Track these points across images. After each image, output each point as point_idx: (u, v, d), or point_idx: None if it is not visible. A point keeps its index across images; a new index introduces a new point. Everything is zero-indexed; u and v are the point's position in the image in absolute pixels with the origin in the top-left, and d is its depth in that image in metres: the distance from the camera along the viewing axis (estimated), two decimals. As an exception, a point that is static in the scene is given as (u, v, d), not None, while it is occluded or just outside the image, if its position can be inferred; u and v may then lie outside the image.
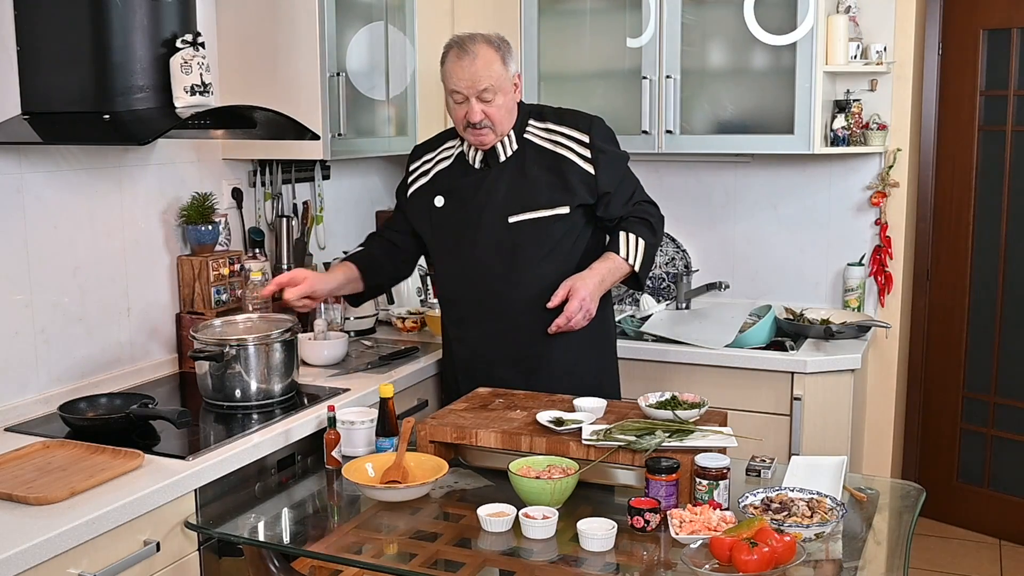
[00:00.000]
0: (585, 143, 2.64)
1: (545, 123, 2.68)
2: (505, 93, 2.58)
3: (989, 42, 3.83)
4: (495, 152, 2.66)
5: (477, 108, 2.55)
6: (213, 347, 2.53)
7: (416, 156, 2.83)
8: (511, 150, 2.66)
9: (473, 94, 2.54)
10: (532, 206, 2.62)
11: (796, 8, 3.30)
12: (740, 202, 3.86)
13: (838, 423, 3.20)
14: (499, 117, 2.59)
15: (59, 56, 2.36)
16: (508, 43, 2.63)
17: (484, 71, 2.53)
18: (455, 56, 2.56)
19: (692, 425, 2.14)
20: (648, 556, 1.84)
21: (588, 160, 2.63)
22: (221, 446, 2.25)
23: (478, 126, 2.58)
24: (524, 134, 2.67)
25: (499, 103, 2.57)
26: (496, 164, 2.67)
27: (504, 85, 2.58)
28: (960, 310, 4.02)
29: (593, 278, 2.58)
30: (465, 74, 2.54)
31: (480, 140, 2.62)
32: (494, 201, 2.65)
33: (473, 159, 2.70)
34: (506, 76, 2.58)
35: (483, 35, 2.60)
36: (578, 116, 2.70)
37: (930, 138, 3.94)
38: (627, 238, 2.65)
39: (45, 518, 1.85)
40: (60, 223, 2.59)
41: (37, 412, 2.50)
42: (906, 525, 1.96)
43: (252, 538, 2.03)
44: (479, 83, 2.53)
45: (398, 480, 2.09)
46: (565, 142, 2.65)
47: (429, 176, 2.77)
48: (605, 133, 2.69)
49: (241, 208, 3.20)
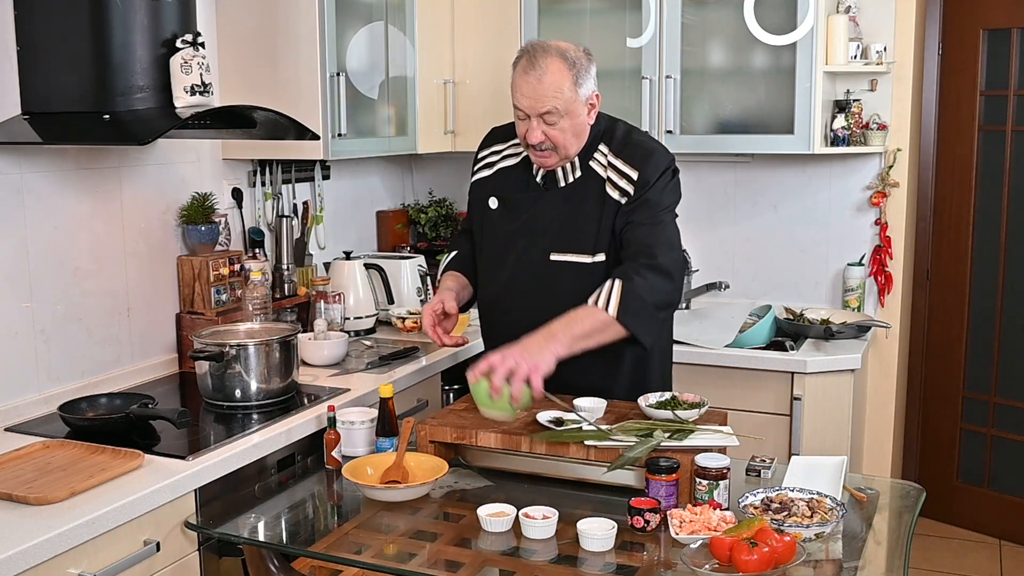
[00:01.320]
0: (632, 180, 2.34)
1: (610, 152, 2.38)
2: (574, 116, 2.31)
3: (989, 42, 3.83)
4: (555, 175, 2.41)
5: (538, 130, 2.30)
6: (213, 347, 2.53)
7: (487, 143, 2.59)
8: (573, 177, 2.40)
9: (535, 114, 2.29)
10: (576, 248, 2.37)
11: (796, 8, 3.30)
12: (740, 202, 3.86)
13: (838, 423, 3.20)
14: (563, 141, 2.32)
15: (59, 56, 2.36)
16: (589, 57, 2.35)
17: (550, 91, 2.27)
18: (522, 68, 2.30)
19: (692, 425, 2.14)
20: (648, 556, 1.84)
21: (628, 197, 2.34)
22: (221, 446, 2.25)
23: (538, 148, 2.34)
24: (590, 161, 2.39)
25: (563, 127, 2.30)
26: (555, 188, 2.42)
27: (573, 108, 2.30)
28: (960, 310, 4.02)
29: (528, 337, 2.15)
30: (529, 91, 2.28)
31: (542, 162, 2.38)
32: (541, 232, 2.41)
33: (536, 172, 2.45)
34: (576, 98, 2.30)
35: (559, 47, 2.31)
36: (641, 149, 2.38)
37: (930, 138, 3.94)
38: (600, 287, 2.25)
39: (45, 518, 1.85)
40: (60, 223, 2.59)
41: (37, 412, 2.50)
42: (906, 525, 1.96)
43: (252, 538, 2.03)
44: (541, 105, 2.27)
45: (398, 480, 2.09)
46: (615, 178, 2.36)
47: (493, 170, 2.54)
48: (659, 170, 2.35)
49: (241, 208, 3.20)
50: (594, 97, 2.37)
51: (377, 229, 3.94)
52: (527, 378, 2.05)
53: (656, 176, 2.35)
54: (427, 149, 3.60)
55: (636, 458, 2.01)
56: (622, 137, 2.42)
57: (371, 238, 3.92)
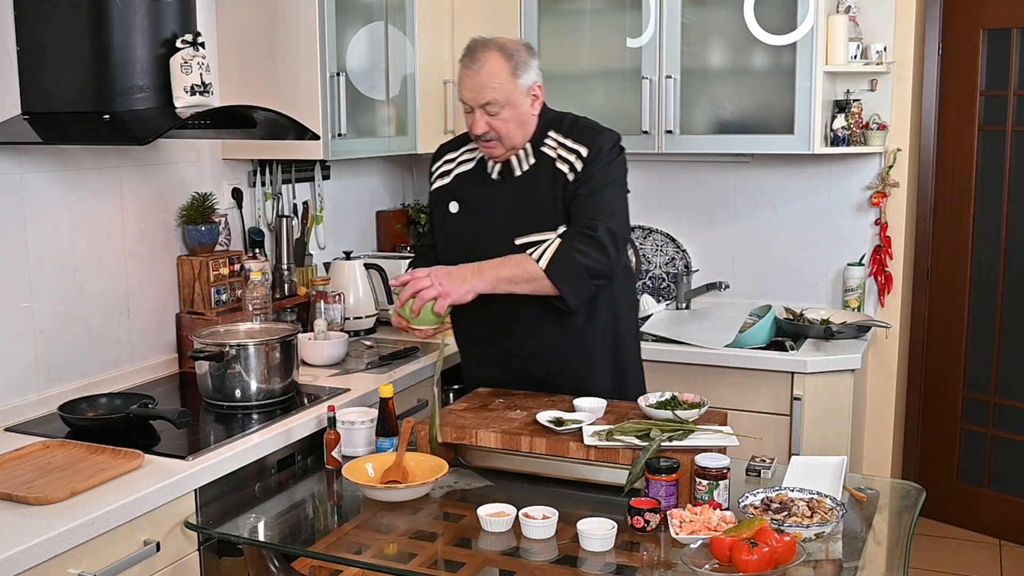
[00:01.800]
0: (583, 156, 2.46)
1: (560, 135, 2.50)
2: (515, 106, 2.43)
3: (989, 42, 3.83)
4: (510, 166, 2.52)
5: (481, 120, 2.43)
6: (213, 347, 2.53)
7: (439, 155, 2.71)
8: (527, 164, 2.50)
9: (477, 105, 2.43)
10: (537, 227, 2.46)
11: (796, 8, 3.30)
12: (740, 202, 3.86)
13: (838, 423, 3.20)
14: (506, 131, 2.44)
15: (59, 56, 2.36)
16: (528, 50, 2.48)
17: (488, 83, 2.40)
18: (464, 63, 2.44)
19: (692, 425, 2.14)
20: (648, 556, 1.84)
21: (576, 172, 2.45)
22: (221, 446, 2.25)
23: (484, 139, 2.46)
24: (541, 147, 2.50)
25: (506, 116, 2.43)
26: (511, 178, 2.52)
27: (514, 98, 2.42)
28: (960, 310, 4.02)
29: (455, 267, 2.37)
30: (470, 83, 2.42)
31: (489, 152, 2.51)
32: (504, 219, 2.50)
33: (492, 169, 2.55)
34: (516, 88, 2.42)
35: (498, 42, 2.45)
36: (590, 129, 2.52)
37: (930, 138, 3.94)
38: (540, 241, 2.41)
39: (45, 518, 1.85)
40: (60, 223, 2.59)
41: (37, 412, 2.50)
42: (906, 525, 1.96)
43: (252, 538, 2.03)
44: (482, 96, 2.41)
45: (398, 480, 2.09)
46: (565, 155, 2.47)
47: (449, 177, 2.63)
48: (607, 146, 2.48)
49: (241, 208, 3.20)
50: (536, 88, 2.49)
51: (377, 229, 3.94)
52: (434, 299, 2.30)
53: (603, 150, 2.47)
54: (427, 149, 3.58)
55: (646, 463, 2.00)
56: (571, 122, 2.55)
57: (371, 238, 3.92)
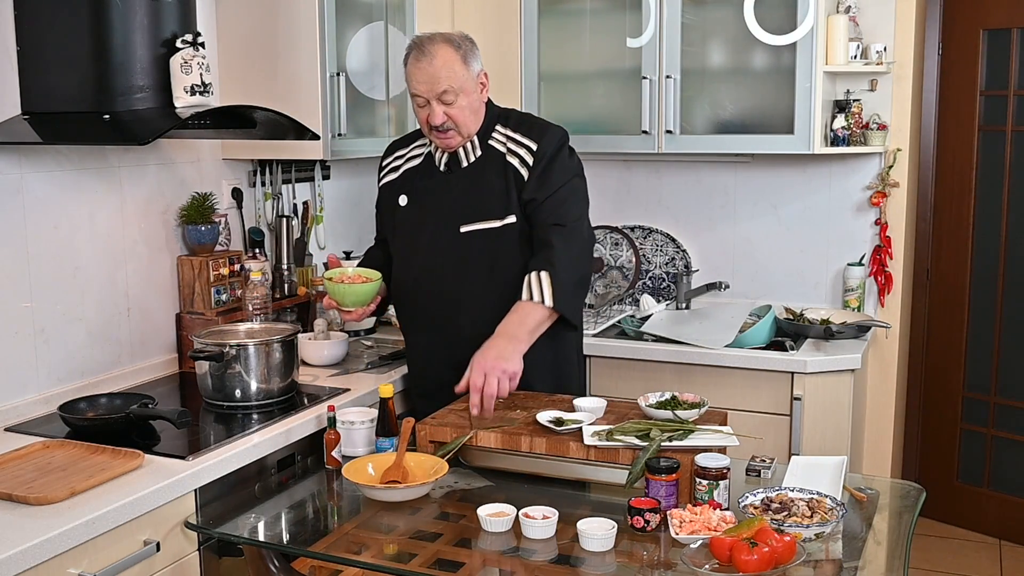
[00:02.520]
0: (532, 150, 2.54)
1: (507, 129, 2.59)
2: (468, 94, 2.51)
3: (989, 42, 3.83)
4: (457, 157, 2.59)
5: (439, 110, 2.48)
6: (213, 347, 2.53)
7: (389, 152, 2.78)
8: (474, 156, 2.58)
9: (433, 96, 2.48)
10: (483, 216, 2.54)
11: (796, 8, 3.30)
12: (740, 202, 3.86)
13: (838, 423, 3.20)
14: (463, 119, 2.51)
15: (59, 56, 2.36)
16: (471, 41, 2.56)
17: (443, 72, 2.46)
18: (414, 58, 2.50)
19: (692, 425, 2.14)
20: (648, 556, 1.84)
21: (528, 167, 2.53)
22: (221, 446, 2.25)
23: (441, 129, 2.51)
24: (488, 140, 2.58)
25: (462, 104, 2.50)
26: (458, 169, 2.59)
27: (466, 86, 2.50)
28: (960, 310, 4.02)
29: (494, 344, 2.37)
30: (424, 76, 2.48)
31: (446, 143, 2.56)
32: (449, 208, 2.57)
33: (439, 161, 2.63)
34: (468, 76, 2.50)
35: (443, 34, 2.53)
36: (537, 125, 2.61)
37: (930, 138, 3.94)
38: (529, 280, 2.45)
39: (45, 518, 1.85)
40: (60, 223, 2.59)
41: (37, 412, 2.50)
42: (906, 525, 1.96)
43: (252, 538, 2.03)
44: (438, 85, 2.46)
45: (398, 480, 2.09)
46: (515, 148, 2.55)
47: (399, 173, 2.71)
48: (557, 143, 2.56)
49: (241, 208, 3.20)
50: (483, 76, 2.57)
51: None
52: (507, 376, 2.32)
53: (552, 149, 2.54)
54: (427, 149, 3.59)
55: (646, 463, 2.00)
56: (517, 117, 2.64)
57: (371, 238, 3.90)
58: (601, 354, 3.38)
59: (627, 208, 4.00)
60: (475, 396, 2.28)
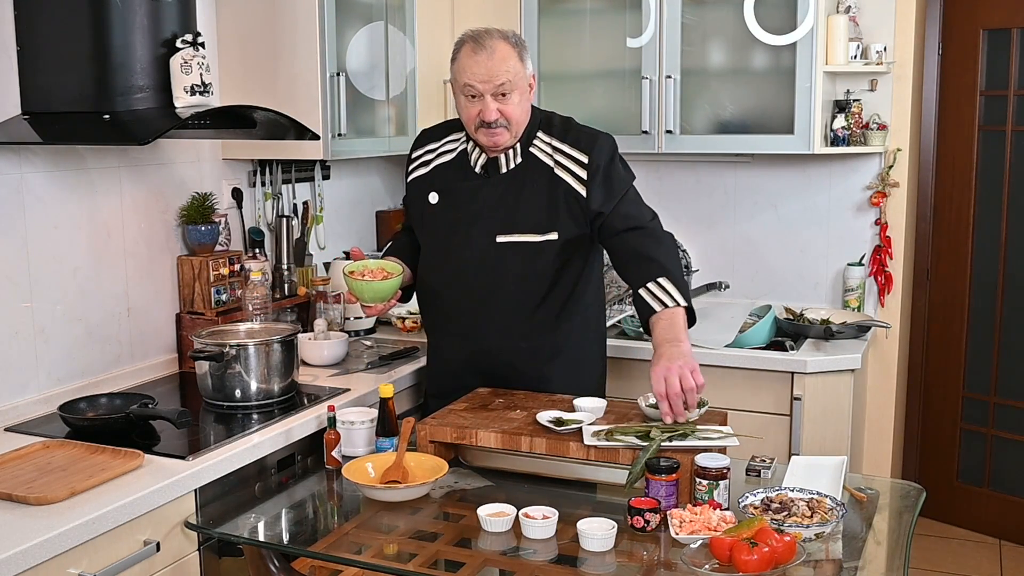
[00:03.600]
0: (584, 164, 2.48)
1: (551, 137, 2.53)
2: (522, 92, 2.45)
3: (989, 42, 3.83)
4: (497, 162, 2.53)
5: (493, 106, 2.41)
6: (213, 347, 2.53)
7: (419, 144, 2.69)
8: (514, 162, 2.52)
9: (489, 90, 2.40)
10: (522, 228, 2.49)
11: (796, 8, 3.30)
12: (740, 202, 3.86)
13: (838, 423, 3.19)
14: (516, 116, 2.45)
15: (59, 56, 2.36)
16: (525, 41, 2.52)
17: (502, 66, 2.40)
18: (470, 51, 2.42)
19: (692, 425, 2.14)
20: (648, 556, 1.84)
21: (582, 182, 2.47)
22: (221, 446, 2.25)
23: (493, 125, 2.44)
24: (530, 147, 2.52)
25: (515, 101, 2.44)
26: (496, 174, 2.53)
27: (521, 83, 2.45)
28: (960, 310, 4.02)
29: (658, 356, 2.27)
30: (481, 69, 2.40)
31: (495, 141, 2.47)
32: (486, 215, 2.51)
33: (475, 162, 2.56)
34: (523, 74, 2.45)
35: (499, 31, 2.47)
36: (584, 133, 2.55)
37: (930, 138, 3.94)
38: (650, 291, 2.39)
39: (45, 518, 1.85)
40: (60, 223, 2.59)
41: (37, 412, 2.50)
42: (906, 525, 1.96)
43: (252, 538, 2.03)
44: (496, 78, 2.40)
45: (398, 480, 2.09)
46: (565, 162, 2.49)
47: (429, 167, 2.63)
48: (608, 152, 2.52)
49: (241, 208, 3.20)
50: (532, 78, 2.53)
51: (377, 229, 3.94)
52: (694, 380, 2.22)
53: (605, 159, 2.51)
54: (427, 149, 3.59)
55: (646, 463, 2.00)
56: (561, 124, 2.57)
57: (371, 238, 3.91)
58: (601, 354, 3.37)
59: (627, 208, 4.00)
60: (663, 404, 2.17)
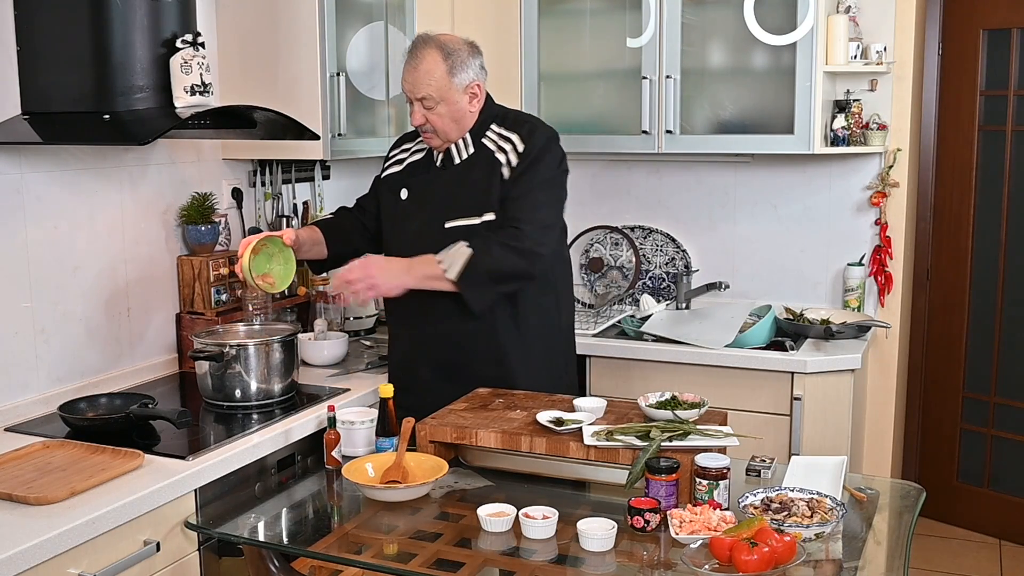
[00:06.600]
0: (519, 151, 2.55)
1: (502, 127, 2.61)
2: (450, 103, 2.53)
3: (989, 42, 3.83)
4: (451, 154, 2.62)
5: (418, 113, 2.55)
6: (213, 347, 2.53)
7: (397, 144, 2.81)
8: (466, 153, 2.60)
9: (413, 99, 2.55)
10: (466, 212, 2.55)
11: (796, 8, 3.30)
12: (740, 202, 3.86)
13: (838, 423, 3.20)
14: (441, 125, 2.55)
15: (59, 56, 2.36)
16: (470, 48, 2.57)
17: (423, 79, 2.51)
18: (407, 58, 2.57)
19: (692, 425, 2.14)
20: (648, 556, 1.84)
21: (511, 168, 2.55)
22: (221, 446, 2.25)
23: (421, 129, 2.59)
24: (482, 138, 2.60)
25: (440, 112, 2.53)
26: (451, 166, 2.62)
27: (448, 96, 2.52)
28: (960, 310, 4.02)
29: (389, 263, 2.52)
30: (408, 78, 2.55)
31: (428, 141, 2.63)
32: (438, 204, 2.60)
33: (436, 158, 2.66)
34: (450, 87, 2.52)
35: (439, 40, 2.55)
36: (528, 123, 2.63)
37: (930, 138, 3.94)
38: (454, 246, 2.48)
39: (45, 518, 1.85)
40: (60, 223, 2.59)
41: (37, 412, 2.50)
42: (906, 525, 1.96)
43: (252, 538, 2.03)
44: (417, 90, 2.52)
45: (398, 480, 2.09)
46: (506, 147, 2.57)
47: (402, 166, 2.73)
48: (544, 143, 2.57)
49: (241, 208, 3.20)
50: (475, 86, 2.57)
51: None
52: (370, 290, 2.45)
53: (537, 148, 2.55)
54: (427, 149, 3.59)
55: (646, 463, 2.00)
56: (514, 118, 2.65)
57: (371, 238, 3.91)
58: (601, 354, 3.38)
59: (627, 208, 4.00)
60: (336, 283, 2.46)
